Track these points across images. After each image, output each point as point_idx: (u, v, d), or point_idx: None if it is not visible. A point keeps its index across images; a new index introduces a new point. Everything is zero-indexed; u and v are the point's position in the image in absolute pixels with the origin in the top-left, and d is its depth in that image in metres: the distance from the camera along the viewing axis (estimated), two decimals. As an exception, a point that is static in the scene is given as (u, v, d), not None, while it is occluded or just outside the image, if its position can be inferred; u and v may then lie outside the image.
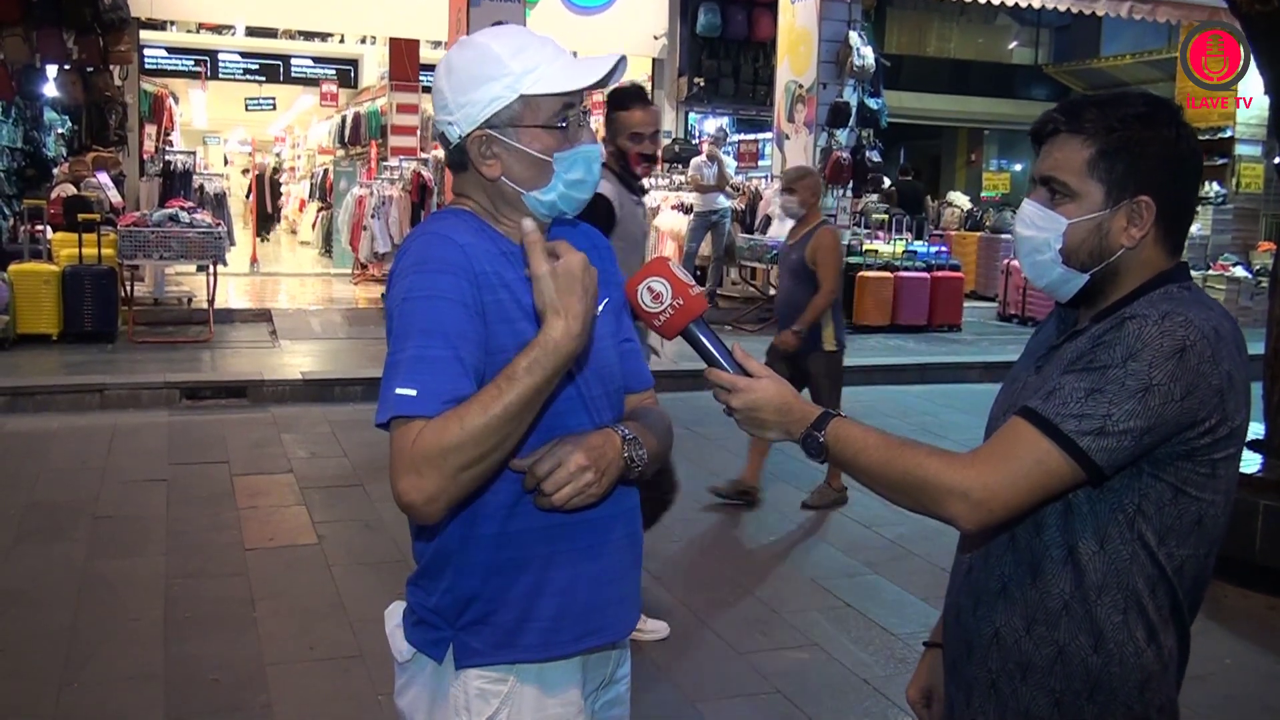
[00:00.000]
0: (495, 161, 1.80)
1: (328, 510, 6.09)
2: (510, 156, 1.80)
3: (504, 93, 1.76)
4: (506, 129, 1.78)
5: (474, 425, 1.58)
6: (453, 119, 1.80)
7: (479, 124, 1.78)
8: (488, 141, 1.79)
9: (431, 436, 1.58)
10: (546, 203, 1.82)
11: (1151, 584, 1.69)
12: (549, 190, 1.81)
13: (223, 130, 28.89)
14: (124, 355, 9.84)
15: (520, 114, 1.77)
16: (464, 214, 1.86)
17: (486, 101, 1.77)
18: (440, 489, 1.60)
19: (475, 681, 1.82)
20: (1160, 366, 1.59)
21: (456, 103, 1.79)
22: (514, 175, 1.81)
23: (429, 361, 1.65)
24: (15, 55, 12.40)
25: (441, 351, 1.66)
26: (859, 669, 4.38)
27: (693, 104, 17.27)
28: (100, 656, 4.25)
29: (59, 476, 6.57)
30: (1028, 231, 1.78)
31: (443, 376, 1.64)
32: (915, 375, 10.79)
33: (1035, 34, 25.12)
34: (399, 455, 1.61)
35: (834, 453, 1.74)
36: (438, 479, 1.59)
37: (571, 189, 1.82)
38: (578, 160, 1.81)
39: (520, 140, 1.78)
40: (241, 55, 19.49)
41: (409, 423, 1.62)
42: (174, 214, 10.83)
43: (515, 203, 1.83)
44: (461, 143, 1.81)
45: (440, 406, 1.62)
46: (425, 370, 1.64)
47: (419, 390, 1.63)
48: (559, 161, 1.80)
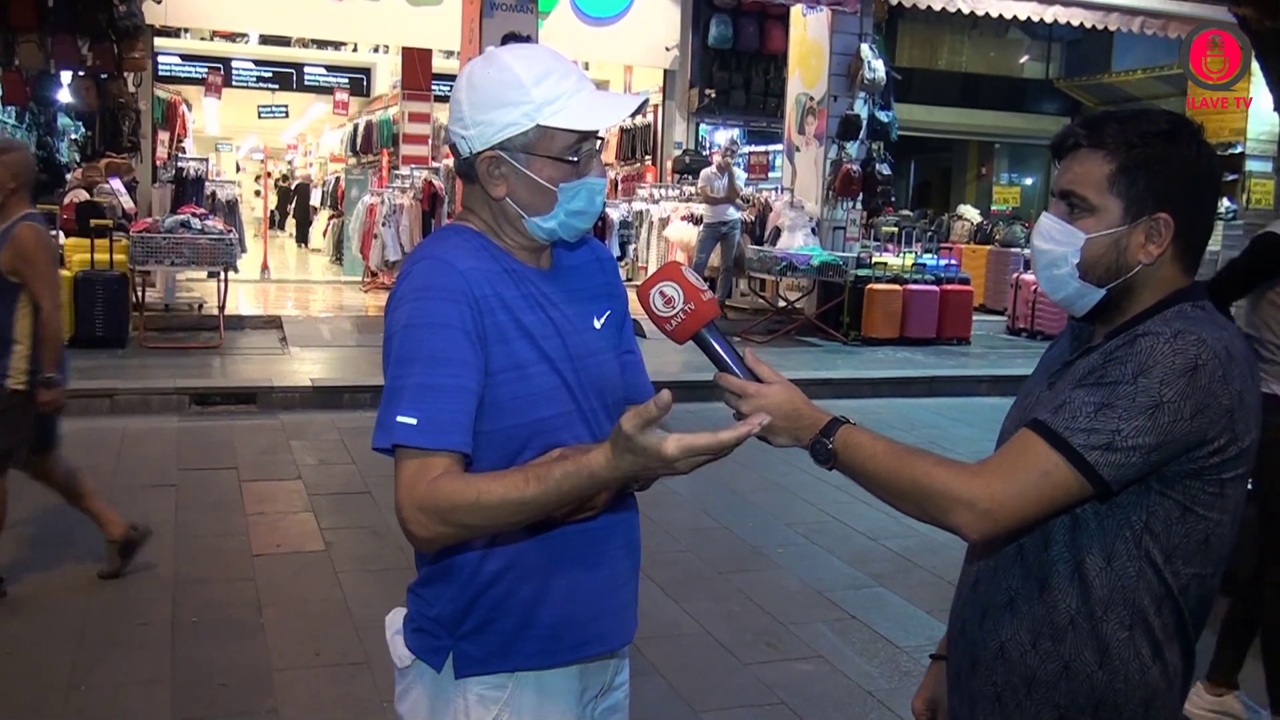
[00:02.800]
0: (502, 182, 1.81)
1: (335, 517, 6.11)
2: (517, 180, 1.81)
3: (522, 120, 1.76)
4: (518, 154, 1.79)
5: (489, 502, 1.60)
6: (467, 134, 1.81)
7: (492, 144, 1.79)
8: (497, 162, 1.80)
9: (447, 489, 1.62)
10: (546, 229, 1.84)
11: (1158, 601, 1.69)
12: (550, 218, 1.83)
13: (235, 137, 29.01)
14: (134, 360, 9.87)
15: (534, 142, 1.78)
16: (466, 231, 1.87)
17: (503, 125, 1.77)
18: (441, 536, 1.66)
19: (474, 688, 1.83)
20: (1171, 384, 1.60)
21: (473, 119, 1.79)
22: (518, 198, 1.82)
23: (432, 390, 1.68)
24: (30, 61, 12.45)
25: (445, 380, 1.69)
26: (864, 681, 4.37)
27: (704, 115, 17.29)
28: (108, 660, 4.27)
29: (69, 480, 6.57)
30: (1045, 245, 1.79)
31: (445, 407, 1.67)
32: (924, 388, 10.78)
33: (1046, 48, 25.11)
34: (408, 487, 1.65)
35: (842, 459, 1.75)
36: (441, 528, 1.64)
37: (572, 218, 1.84)
38: (581, 191, 1.82)
39: (530, 167, 1.79)
40: (255, 63, 19.58)
41: (418, 456, 1.66)
42: (186, 220, 10.88)
43: (516, 223, 1.85)
44: (472, 158, 1.82)
45: (439, 439, 1.65)
46: (428, 399, 1.67)
47: (419, 420, 1.66)
48: (563, 191, 1.81)
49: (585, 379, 1.86)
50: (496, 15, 10.72)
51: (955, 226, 18.49)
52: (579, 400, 1.85)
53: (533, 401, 1.79)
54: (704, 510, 6.42)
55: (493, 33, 10.61)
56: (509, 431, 1.77)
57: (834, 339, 12.77)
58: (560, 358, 1.82)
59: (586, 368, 1.87)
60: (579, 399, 1.85)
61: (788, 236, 13.17)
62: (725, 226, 13.44)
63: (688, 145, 17.27)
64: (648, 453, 1.49)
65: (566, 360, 1.83)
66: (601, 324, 1.94)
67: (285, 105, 22.11)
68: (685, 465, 1.51)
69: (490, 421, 1.76)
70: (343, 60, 20.30)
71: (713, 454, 1.51)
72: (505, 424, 1.77)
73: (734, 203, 13.55)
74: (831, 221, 13.57)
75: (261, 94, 20.87)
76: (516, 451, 1.77)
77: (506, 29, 10.69)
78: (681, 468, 1.52)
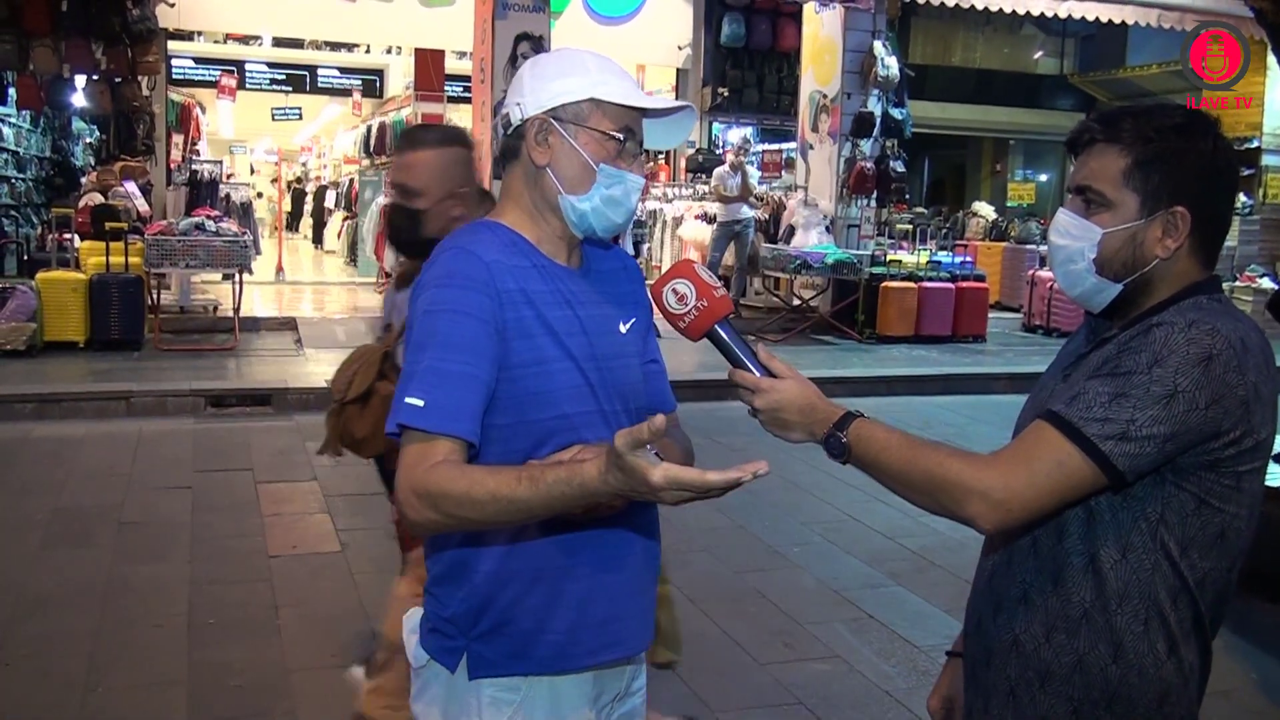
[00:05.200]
0: (547, 150, 1.83)
1: (351, 518, 6.11)
2: (562, 150, 1.82)
3: (578, 90, 1.81)
4: (568, 124, 1.81)
5: (479, 496, 1.59)
6: (522, 100, 1.84)
7: (545, 109, 1.82)
8: (546, 129, 1.82)
9: (442, 477, 1.62)
10: (580, 211, 1.84)
11: (1173, 595, 1.68)
12: (586, 199, 1.83)
13: (249, 140, 29.09)
14: (150, 363, 9.90)
15: (585, 114, 1.81)
16: (498, 227, 1.87)
17: (559, 91, 1.81)
18: (432, 522, 1.65)
19: (488, 690, 1.83)
20: (1186, 373, 1.58)
21: (531, 87, 1.83)
22: (559, 171, 1.83)
23: (442, 375, 1.68)
24: (44, 66, 12.52)
25: (457, 367, 1.69)
26: (881, 681, 4.35)
27: (717, 114, 17.29)
28: (124, 661, 4.28)
29: (85, 482, 6.62)
30: (1062, 240, 1.78)
31: (453, 393, 1.68)
32: (939, 386, 10.74)
33: (1060, 44, 24.99)
34: (407, 469, 1.66)
35: (856, 453, 1.74)
36: (433, 515, 1.64)
37: (607, 205, 1.83)
38: (621, 181, 1.83)
39: (577, 139, 1.81)
40: (268, 65, 19.63)
41: (422, 439, 1.66)
42: (200, 223, 10.91)
43: (553, 200, 1.85)
44: (521, 125, 1.84)
45: (444, 423, 1.66)
46: (437, 383, 1.68)
47: (426, 402, 1.66)
48: (604, 174, 1.82)
49: (609, 380, 1.86)
50: (509, 16, 10.72)
51: (970, 223, 18.43)
52: (601, 401, 1.84)
53: (554, 398, 1.79)
54: (720, 510, 6.40)
55: (505, 33, 10.62)
56: (530, 425, 1.78)
57: (849, 337, 12.74)
58: (584, 357, 1.83)
59: (611, 369, 1.87)
60: (601, 400, 1.84)
61: (802, 234, 13.15)
62: (739, 225, 13.43)
63: (701, 144, 17.27)
64: (635, 475, 1.47)
65: (590, 360, 1.83)
66: (627, 329, 1.94)
67: (299, 107, 22.15)
68: (670, 497, 1.48)
69: (512, 415, 1.76)
70: (356, 62, 20.33)
71: (698, 493, 1.47)
72: (527, 418, 1.77)
73: (747, 201, 13.54)
74: (846, 219, 13.55)
75: (275, 96, 20.91)
76: (536, 446, 1.77)
77: (519, 29, 10.70)
78: (666, 499, 1.49)
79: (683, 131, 1.95)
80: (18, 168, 16.04)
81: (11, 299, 9.79)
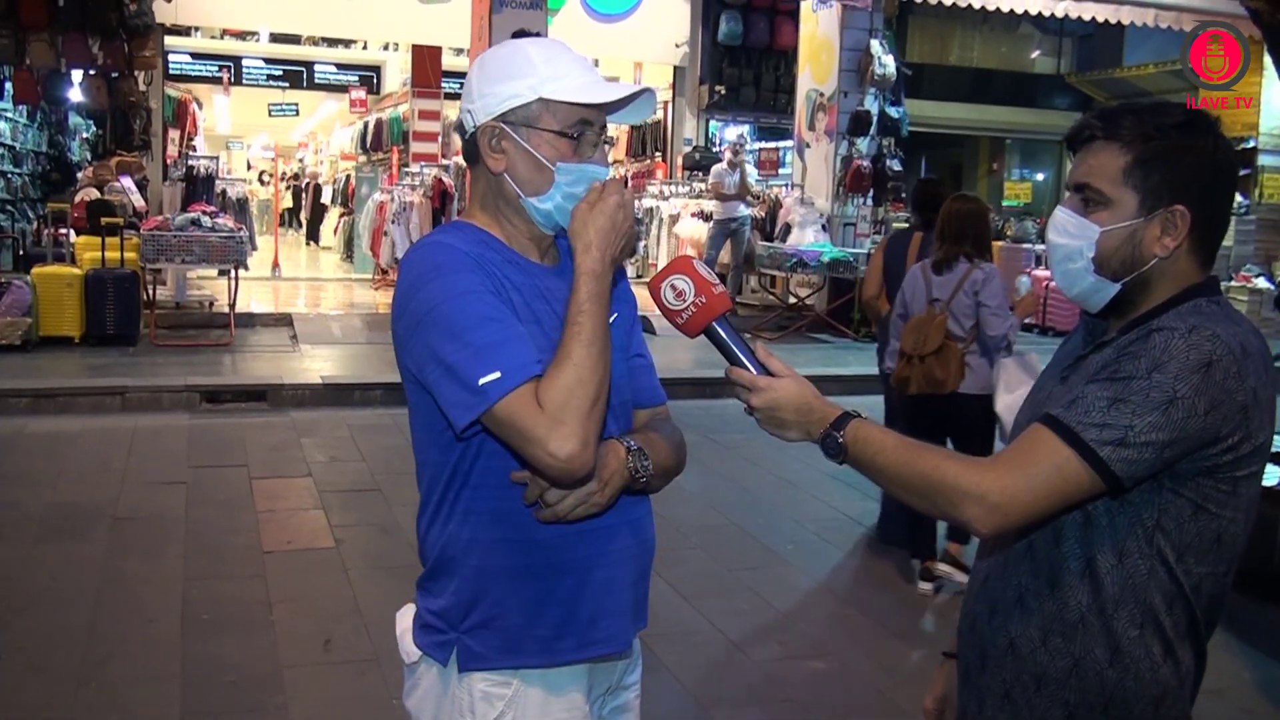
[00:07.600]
0: (502, 156, 1.82)
1: (346, 514, 6.11)
2: (517, 154, 1.81)
3: (525, 91, 1.79)
4: (520, 128, 1.80)
5: (580, 358, 1.66)
6: (472, 107, 1.83)
7: (494, 115, 1.80)
8: (499, 135, 1.81)
9: (554, 386, 1.64)
10: (544, 211, 1.83)
11: (1169, 600, 1.68)
12: (547, 199, 1.82)
13: (246, 135, 29.05)
14: (145, 358, 9.89)
15: (535, 115, 1.79)
16: (467, 226, 1.87)
17: (506, 96, 1.79)
18: (585, 430, 1.65)
19: (480, 684, 1.83)
20: (1185, 380, 1.57)
21: (480, 92, 1.82)
22: (517, 175, 1.82)
23: (495, 345, 1.67)
24: (41, 60, 12.50)
25: (499, 334, 1.68)
26: (874, 679, 4.36)
27: (714, 112, 17.28)
28: (118, 656, 4.28)
29: (80, 478, 6.61)
30: (1060, 239, 1.77)
31: (515, 353, 1.67)
32: (935, 385, 10.70)
33: (1058, 43, 24.98)
34: (532, 419, 1.64)
35: (853, 453, 1.73)
36: (579, 421, 1.64)
37: (569, 202, 1.82)
38: (581, 176, 1.81)
39: (529, 141, 1.80)
40: (265, 61, 19.59)
41: (518, 396, 1.64)
42: (196, 218, 10.89)
43: (515, 204, 1.84)
44: (474, 132, 1.83)
45: (526, 372, 1.66)
46: (497, 353, 1.66)
47: (502, 370, 1.65)
48: (561, 171, 1.80)
49: None
50: (506, 12, 10.70)
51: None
52: None
53: None
54: (714, 507, 6.41)
55: (502, 29, 10.60)
56: None
57: (845, 335, 12.74)
58: None
59: None
60: None
61: (798, 233, 13.14)
62: (735, 223, 13.42)
63: (698, 142, 17.26)
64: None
65: None
66: (610, 323, 1.93)
67: (296, 103, 22.14)
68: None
69: None
70: (353, 58, 20.30)
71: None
72: None
73: (744, 199, 13.53)
74: (842, 218, 13.54)
75: (272, 92, 20.89)
76: None
77: (516, 25, 10.67)
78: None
79: (645, 109, 1.90)
80: (14, 162, 16.01)
81: (7, 294, 9.77)
